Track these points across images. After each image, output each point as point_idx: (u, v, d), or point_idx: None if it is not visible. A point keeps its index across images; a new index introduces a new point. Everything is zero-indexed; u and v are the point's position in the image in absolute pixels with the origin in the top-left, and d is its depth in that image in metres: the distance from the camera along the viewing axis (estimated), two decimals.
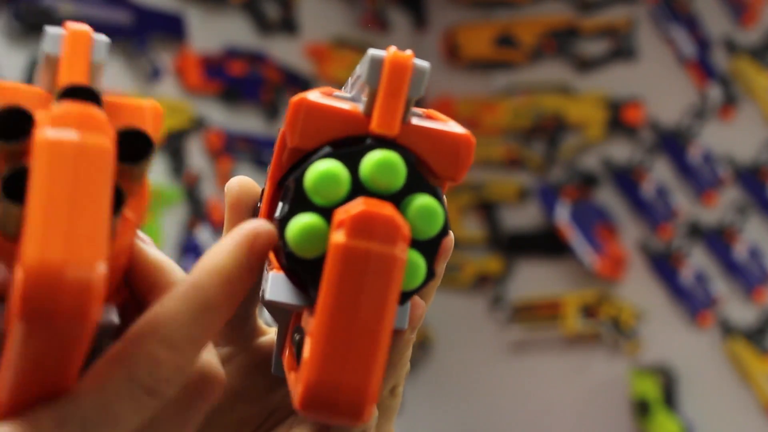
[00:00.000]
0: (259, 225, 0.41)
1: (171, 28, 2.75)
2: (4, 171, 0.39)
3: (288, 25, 3.06)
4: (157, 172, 2.70)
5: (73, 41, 0.41)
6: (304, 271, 0.41)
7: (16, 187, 0.38)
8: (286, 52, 3.04)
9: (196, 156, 2.79)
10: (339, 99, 0.43)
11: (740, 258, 3.01)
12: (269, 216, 0.46)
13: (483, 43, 3.37)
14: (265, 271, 0.47)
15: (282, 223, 0.41)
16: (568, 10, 3.27)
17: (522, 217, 3.28)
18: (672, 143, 3.11)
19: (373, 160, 0.41)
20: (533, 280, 3.25)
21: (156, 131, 0.42)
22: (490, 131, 3.31)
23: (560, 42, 3.27)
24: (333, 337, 0.39)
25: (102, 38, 0.41)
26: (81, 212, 0.36)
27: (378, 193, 0.41)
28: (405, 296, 0.42)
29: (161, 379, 0.39)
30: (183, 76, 2.78)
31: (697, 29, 3.11)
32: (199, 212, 2.74)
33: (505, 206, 3.30)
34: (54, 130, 0.37)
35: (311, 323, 0.39)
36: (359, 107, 0.42)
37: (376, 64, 0.41)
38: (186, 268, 0.42)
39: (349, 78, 0.47)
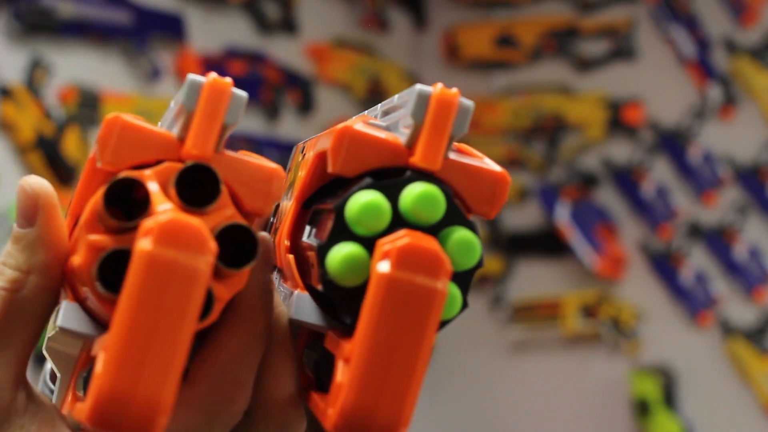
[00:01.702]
0: (266, 240, 0.45)
1: (171, 28, 2.75)
2: (108, 249, 0.41)
3: (288, 25, 3.06)
4: None
5: (211, 98, 0.42)
6: (341, 299, 0.42)
7: (114, 272, 0.40)
8: (286, 52, 3.05)
9: None
10: (377, 128, 0.44)
11: (740, 258, 3.01)
12: (292, 236, 0.47)
13: (483, 43, 3.37)
14: (283, 288, 0.48)
15: (321, 251, 0.42)
16: (568, 10, 3.27)
17: (522, 217, 3.28)
18: (672, 143, 3.11)
19: (414, 192, 0.42)
20: (533, 280, 3.25)
21: (275, 199, 0.43)
22: (490, 131, 3.31)
23: (560, 42, 3.27)
24: (372, 364, 0.40)
25: (240, 96, 0.43)
26: (161, 340, 0.38)
27: (417, 224, 0.42)
28: (440, 325, 0.43)
29: (235, 414, 0.44)
30: (183, 76, 2.78)
31: (697, 29, 3.11)
32: None
33: (505, 206, 3.30)
34: (155, 245, 0.38)
35: (346, 348, 0.41)
36: (399, 138, 0.43)
37: (423, 100, 0.42)
38: None
39: (379, 105, 0.48)
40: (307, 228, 0.45)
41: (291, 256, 0.46)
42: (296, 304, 0.44)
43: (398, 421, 0.40)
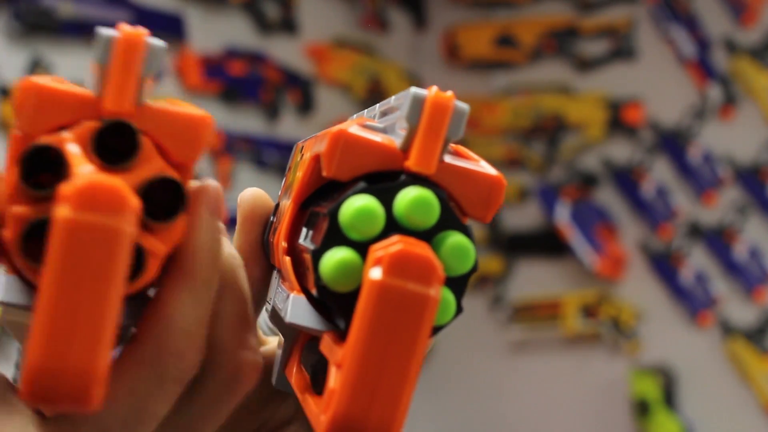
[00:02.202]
0: (212, 189, 0.45)
1: (171, 28, 2.75)
2: (29, 220, 0.40)
3: (288, 25, 3.06)
4: None
5: (124, 51, 0.41)
6: (335, 304, 0.42)
7: (36, 241, 0.39)
8: (286, 52, 3.05)
9: None
10: (373, 131, 0.44)
11: (740, 258, 3.01)
12: (290, 237, 0.47)
13: (483, 43, 3.37)
14: (281, 289, 0.48)
15: (315, 256, 0.42)
16: (568, 10, 3.27)
17: (522, 217, 3.28)
18: (672, 143, 3.11)
19: (408, 197, 0.41)
20: (533, 280, 3.25)
21: (203, 146, 0.42)
22: (490, 131, 3.31)
23: (560, 42, 3.27)
24: (364, 371, 0.39)
25: (157, 45, 0.41)
26: (88, 307, 0.37)
27: (411, 229, 0.41)
28: (434, 331, 0.43)
29: (187, 369, 0.43)
30: (183, 76, 2.78)
31: (697, 29, 3.11)
32: None
33: (505, 206, 3.30)
34: (74, 211, 0.37)
35: (339, 353, 0.40)
36: (394, 141, 0.43)
37: (418, 103, 0.42)
38: None
39: (377, 105, 0.47)
40: (304, 230, 0.44)
41: (288, 258, 0.46)
42: (291, 306, 0.44)
43: (390, 428, 0.40)
